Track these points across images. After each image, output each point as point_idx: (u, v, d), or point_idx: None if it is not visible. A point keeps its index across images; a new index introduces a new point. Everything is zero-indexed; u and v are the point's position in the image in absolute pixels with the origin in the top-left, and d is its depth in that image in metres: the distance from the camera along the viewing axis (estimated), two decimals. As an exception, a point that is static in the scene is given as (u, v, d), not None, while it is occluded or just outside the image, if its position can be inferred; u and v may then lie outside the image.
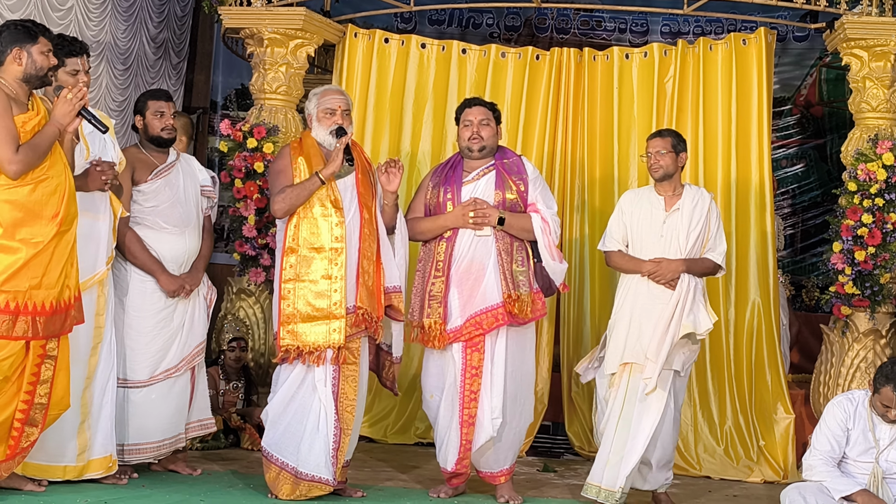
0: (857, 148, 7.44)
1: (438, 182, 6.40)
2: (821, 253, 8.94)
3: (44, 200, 5.35)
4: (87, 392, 5.92)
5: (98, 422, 5.97)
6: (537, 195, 6.34)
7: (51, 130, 5.39)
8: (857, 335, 7.39)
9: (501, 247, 6.22)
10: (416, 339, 6.31)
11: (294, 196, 5.95)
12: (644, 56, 8.20)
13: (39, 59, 5.41)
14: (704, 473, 7.50)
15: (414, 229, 6.39)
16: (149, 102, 6.43)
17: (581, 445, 7.97)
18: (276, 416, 5.99)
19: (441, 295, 6.20)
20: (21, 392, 5.36)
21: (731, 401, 7.78)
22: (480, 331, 6.14)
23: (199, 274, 6.50)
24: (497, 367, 6.16)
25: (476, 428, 6.14)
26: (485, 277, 6.18)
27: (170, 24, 10.04)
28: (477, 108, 6.39)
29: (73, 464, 5.87)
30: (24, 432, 5.41)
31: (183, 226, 6.42)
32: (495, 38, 11.44)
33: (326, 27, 8.24)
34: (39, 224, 5.33)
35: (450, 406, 6.21)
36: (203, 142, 11.11)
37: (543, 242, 6.27)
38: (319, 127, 6.14)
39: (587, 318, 8.12)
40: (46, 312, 5.35)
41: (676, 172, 6.45)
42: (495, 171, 6.34)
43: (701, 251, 6.39)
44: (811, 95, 11.35)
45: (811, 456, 5.63)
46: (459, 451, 6.16)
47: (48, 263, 5.35)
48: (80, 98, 5.43)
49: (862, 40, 7.41)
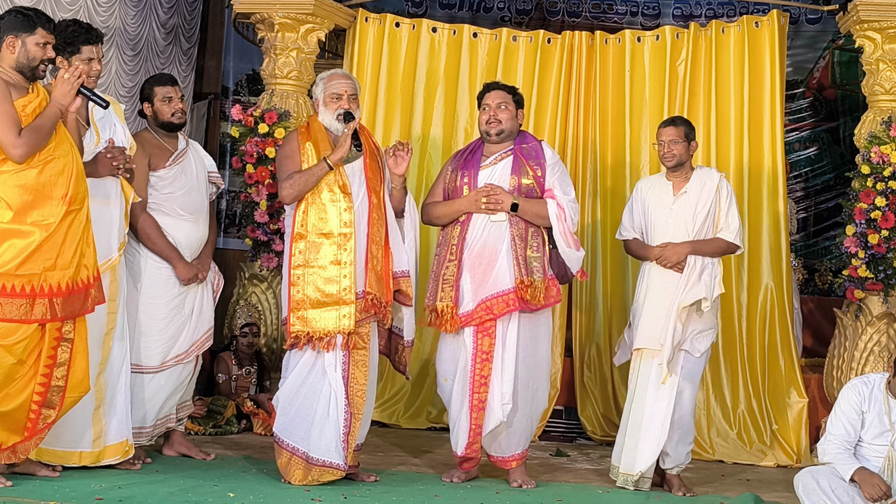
0: (871, 131, 7.41)
1: (457, 166, 6.40)
2: (834, 236, 8.90)
3: (52, 181, 5.35)
4: (102, 377, 5.93)
5: (112, 407, 5.98)
6: (554, 181, 6.31)
7: (52, 111, 5.39)
8: (871, 319, 7.37)
9: (515, 232, 6.19)
10: (431, 324, 6.30)
11: (302, 182, 5.94)
12: (656, 39, 8.18)
13: (33, 50, 5.39)
14: (717, 457, 7.49)
15: (430, 213, 6.40)
16: (155, 88, 6.41)
17: (593, 430, 7.97)
18: (287, 402, 5.99)
19: (454, 279, 6.19)
20: (38, 375, 5.38)
21: (744, 385, 7.77)
22: (491, 315, 6.13)
23: (208, 259, 6.52)
24: (508, 352, 6.15)
25: (486, 413, 6.14)
26: (497, 262, 6.17)
27: (180, 9, 10.03)
28: (496, 92, 6.37)
29: (88, 450, 5.87)
30: (41, 414, 5.43)
31: (197, 212, 6.43)
32: (506, 21, 11.40)
33: (337, 11, 8.23)
34: (49, 205, 5.33)
35: (461, 390, 6.21)
36: (214, 127, 11.11)
37: (559, 229, 6.24)
38: (326, 111, 6.12)
39: (599, 303, 8.12)
40: (63, 293, 5.36)
41: (688, 160, 6.46)
42: (513, 156, 6.32)
43: (713, 231, 6.39)
44: (824, 78, 11.29)
45: (826, 440, 5.62)
46: (469, 436, 6.17)
47: (61, 244, 5.36)
48: (78, 76, 5.42)
49: (875, 22, 7.38)
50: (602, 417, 8.00)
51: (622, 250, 8.06)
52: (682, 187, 6.45)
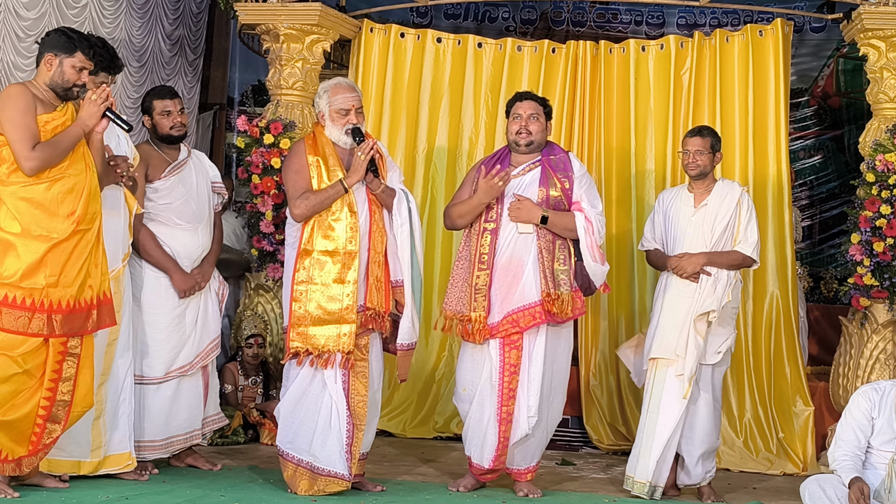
0: (875, 138, 7.41)
1: (485, 174, 6.31)
2: (839, 244, 8.90)
3: (59, 199, 5.37)
4: (103, 388, 5.93)
5: (115, 419, 5.99)
6: (582, 193, 6.27)
7: (74, 130, 5.42)
8: (876, 327, 7.36)
9: (543, 244, 6.16)
10: (456, 332, 6.25)
11: (318, 203, 5.91)
12: (660, 48, 8.20)
13: (69, 72, 5.45)
14: (724, 466, 7.48)
15: (452, 214, 6.36)
16: (154, 102, 6.44)
17: (599, 439, 7.97)
18: (288, 414, 6.00)
19: (486, 288, 6.14)
20: (42, 388, 5.39)
21: (751, 393, 7.77)
22: (517, 329, 6.10)
23: (210, 269, 6.53)
24: (535, 365, 6.13)
25: (514, 424, 6.13)
26: (523, 275, 6.13)
27: (185, 20, 10.05)
28: (528, 102, 6.34)
29: (86, 459, 5.88)
30: (45, 429, 5.44)
31: (196, 222, 6.44)
32: (511, 31, 11.44)
33: (342, 22, 8.25)
34: (55, 221, 5.35)
35: (482, 402, 6.18)
36: (220, 138, 11.14)
37: (586, 243, 6.20)
38: (333, 126, 6.08)
39: (605, 312, 8.12)
40: (63, 311, 5.37)
41: (711, 171, 6.50)
42: (541, 168, 6.28)
43: (732, 244, 6.42)
44: (828, 86, 11.31)
45: (836, 446, 5.62)
46: (497, 449, 6.14)
47: (66, 261, 5.37)
48: (105, 99, 5.45)
49: (879, 30, 7.38)
50: (608, 426, 8.00)
51: (629, 259, 8.12)
52: (704, 199, 6.48)
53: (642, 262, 7.98)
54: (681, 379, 6.28)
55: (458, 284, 6.26)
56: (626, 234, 8.15)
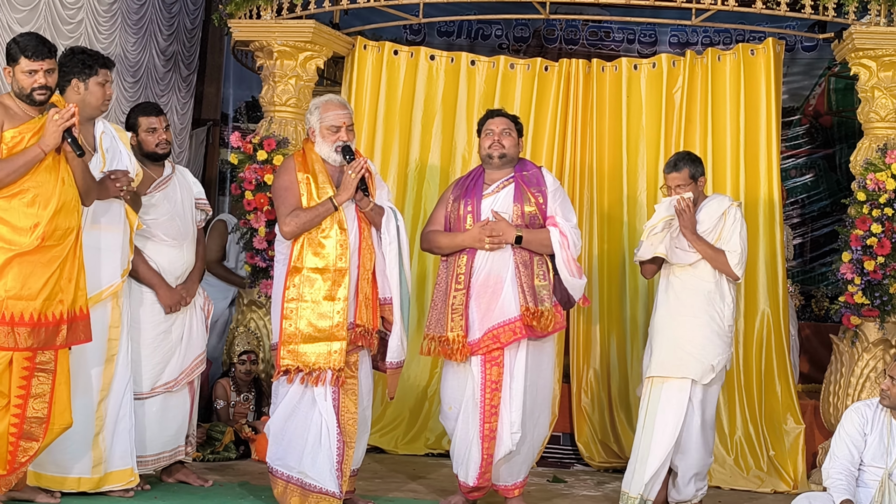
0: (866, 157, 7.44)
1: (459, 195, 6.38)
2: (830, 263, 8.93)
3: (21, 211, 5.34)
4: (103, 404, 5.92)
5: (115, 434, 5.98)
6: (556, 207, 6.31)
7: (33, 150, 5.38)
8: (867, 345, 7.38)
9: (519, 259, 6.18)
10: (435, 353, 6.27)
11: (307, 220, 5.92)
12: (652, 67, 8.22)
13: (21, 79, 5.43)
14: (715, 483, 7.46)
15: (432, 242, 6.39)
16: (140, 119, 6.41)
17: (591, 456, 7.96)
18: (278, 431, 6.00)
19: (462, 307, 6.17)
20: (11, 406, 5.35)
21: (741, 411, 7.77)
22: (498, 344, 6.12)
23: (195, 285, 6.53)
24: (517, 381, 6.15)
25: (496, 442, 6.14)
26: (502, 291, 6.15)
27: (179, 36, 10.08)
28: (499, 119, 6.39)
29: (87, 475, 5.87)
30: (19, 447, 5.39)
31: (181, 238, 6.44)
32: (504, 49, 11.46)
33: (336, 39, 8.27)
34: (17, 234, 5.32)
35: (467, 420, 6.19)
36: (214, 154, 11.14)
37: (561, 257, 6.23)
38: (323, 143, 6.09)
39: (596, 329, 8.13)
40: (27, 324, 5.32)
41: (699, 196, 6.54)
42: (514, 184, 6.32)
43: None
44: (820, 105, 11.34)
45: (829, 462, 5.64)
46: (481, 466, 6.15)
47: (29, 274, 5.33)
48: (67, 119, 5.40)
49: (870, 50, 7.41)
50: (599, 443, 8.00)
51: (619, 277, 8.14)
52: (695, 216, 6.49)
53: (634, 279, 8.02)
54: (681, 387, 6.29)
55: (438, 306, 6.28)
56: (617, 252, 8.16)
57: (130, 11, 9.10)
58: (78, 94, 5.87)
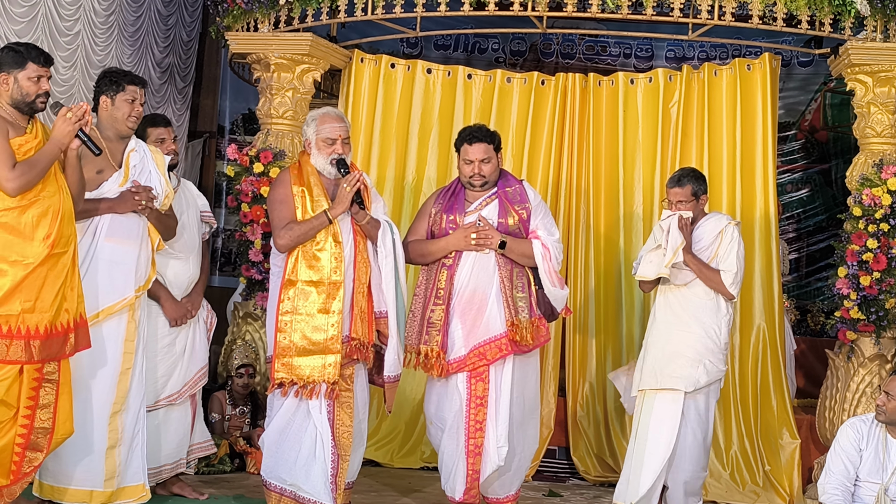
0: (862, 173, 7.45)
1: (441, 209, 6.37)
2: (826, 278, 8.93)
3: (34, 222, 5.31)
4: (118, 418, 5.86)
5: (131, 449, 5.93)
6: (538, 222, 6.31)
7: (50, 149, 5.37)
8: (863, 360, 7.38)
9: (504, 274, 6.18)
10: (416, 366, 6.25)
11: (302, 234, 5.90)
12: (649, 81, 8.24)
13: (26, 86, 5.38)
14: (711, 498, 7.47)
15: (416, 251, 6.36)
16: (149, 130, 6.39)
17: (586, 470, 7.95)
18: (273, 444, 5.97)
19: (440, 323, 6.16)
20: (19, 417, 5.33)
21: (737, 425, 7.77)
22: (484, 361, 6.11)
23: (199, 298, 6.52)
24: (503, 396, 6.13)
25: (483, 458, 6.12)
26: (487, 307, 6.14)
27: (175, 48, 10.09)
28: (477, 147, 6.27)
29: (100, 489, 5.82)
30: (25, 457, 5.37)
31: (188, 251, 6.44)
32: (501, 63, 11.49)
33: (333, 52, 8.28)
34: (30, 246, 5.29)
35: (454, 435, 6.18)
36: (210, 166, 11.15)
37: (544, 268, 6.22)
38: (319, 155, 6.07)
39: (592, 343, 8.13)
40: (41, 336, 5.30)
41: (699, 214, 6.51)
42: (498, 200, 6.30)
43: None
44: (816, 120, 11.38)
45: (825, 478, 5.64)
46: (467, 482, 6.13)
47: (41, 286, 5.31)
48: (80, 117, 5.41)
49: (866, 66, 7.43)
50: (595, 457, 8.00)
51: (616, 291, 8.14)
52: (692, 234, 6.47)
53: (630, 293, 8.02)
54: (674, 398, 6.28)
55: (417, 318, 6.26)
56: (613, 266, 8.17)
57: (127, 23, 9.10)
58: (106, 111, 5.93)
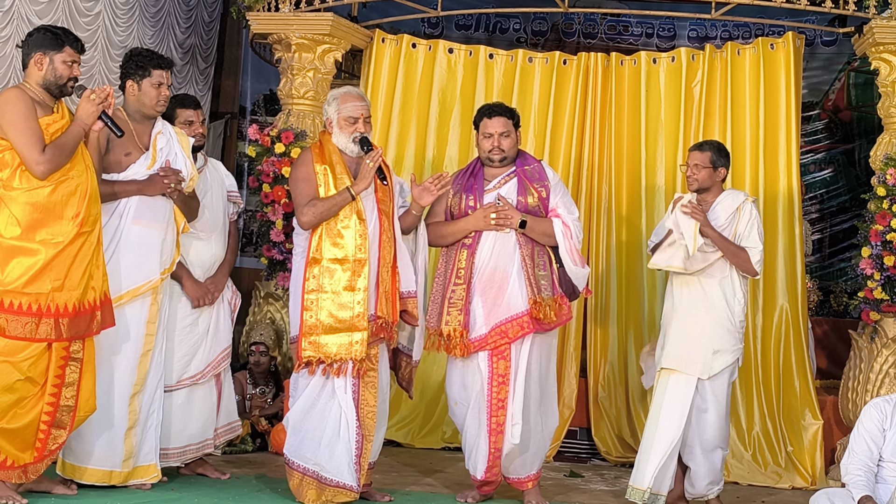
0: (886, 153, 7.40)
1: (460, 189, 6.34)
2: (849, 258, 8.89)
3: (63, 201, 5.36)
4: (137, 399, 5.92)
5: (146, 430, 5.98)
6: (558, 201, 6.30)
7: (76, 130, 5.42)
8: (886, 341, 7.35)
9: (525, 252, 6.17)
10: (438, 347, 6.24)
11: (325, 210, 5.90)
12: (671, 61, 8.20)
13: (60, 68, 5.44)
14: (732, 479, 7.45)
15: (435, 233, 6.35)
16: (178, 111, 6.39)
17: (608, 451, 7.95)
18: (297, 423, 5.98)
19: (462, 302, 6.16)
20: (46, 395, 5.38)
21: (759, 406, 7.75)
22: (506, 339, 6.10)
23: (223, 279, 6.51)
24: (522, 374, 6.13)
25: (504, 436, 6.14)
26: (508, 285, 6.14)
27: (197, 29, 10.09)
28: (497, 120, 6.29)
29: (118, 469, 5.88)
30: (50, 434, 5.43)
31: (210, 231, 6.44)
32: (522, 42, 11.45)
33: (354, 32, 8.27)
34: (60, 224, 5.34)
35: (477, 414, 6.18)
36: (231, 146, 11.17)
37: (565, 247, 6.22)
38: (341, 134, 6.07)
39: (614, 323, 8.11)
40: (70, 314, 5.36)
41: (714, 186, 6.45)
42: (517, 178, 6.29)
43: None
44: (839, 100, 11.30)
45: (848, 458, 5.61)
46: (489, 460, 6.13)
47: (70, 265, 5.36)
48: (104, 98, 5.45)
49: (891, 44, 7.38)
50: (616, 438, 7.99)
51: (638, 271, 8.11)
52: (708, 210, 6.42)
53: (651, 274, 7.99)
54: (687, 381, 6.26)
55: (437, 300, 6.26)
56: (635, 246, 8.14)
57: (148, 4, 9.11)
58: (133, 95, 5.96)
